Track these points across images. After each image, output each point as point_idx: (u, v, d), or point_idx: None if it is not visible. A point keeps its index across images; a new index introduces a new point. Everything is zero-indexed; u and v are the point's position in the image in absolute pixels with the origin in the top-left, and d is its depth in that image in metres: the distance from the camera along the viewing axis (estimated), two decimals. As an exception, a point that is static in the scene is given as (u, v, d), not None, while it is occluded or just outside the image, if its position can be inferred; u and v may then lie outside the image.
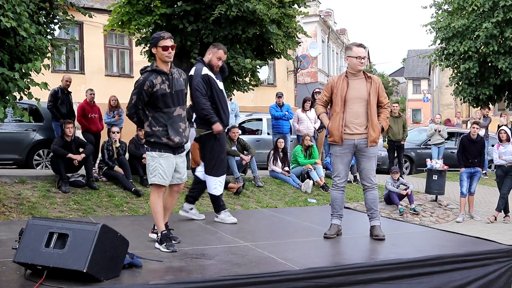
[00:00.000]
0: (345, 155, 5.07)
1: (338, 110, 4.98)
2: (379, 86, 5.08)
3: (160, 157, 4.39)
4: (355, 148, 5.02)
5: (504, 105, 16.67)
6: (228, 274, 3.67)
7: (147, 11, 8.04)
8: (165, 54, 4.33)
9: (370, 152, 5.03)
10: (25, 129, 9.91)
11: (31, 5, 6.09)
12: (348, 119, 4.96)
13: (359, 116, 4.96)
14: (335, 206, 5.19)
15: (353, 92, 4.96)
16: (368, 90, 4.96)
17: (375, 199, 5.16)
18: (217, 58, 5.48)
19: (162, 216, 4.45)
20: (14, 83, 5.96)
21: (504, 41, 14.06)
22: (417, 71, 49.58)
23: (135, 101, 4.35)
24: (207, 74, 5.43)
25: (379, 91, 5.05)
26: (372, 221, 5.15)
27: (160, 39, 4.32)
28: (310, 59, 23.83)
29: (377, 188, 5.23)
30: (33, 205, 6.84)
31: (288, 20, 8.61)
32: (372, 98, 4.96)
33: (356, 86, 4.99)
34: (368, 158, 5.05)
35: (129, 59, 17.73)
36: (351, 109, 4.96)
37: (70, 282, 3.32)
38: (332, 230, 5.13)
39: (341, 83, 5.01)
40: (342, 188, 5.16)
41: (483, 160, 9.85)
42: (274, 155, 10.39)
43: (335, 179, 5.16)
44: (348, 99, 4.96)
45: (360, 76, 5.04)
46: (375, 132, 4.96)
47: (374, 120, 4.96)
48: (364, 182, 5.15)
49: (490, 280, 4.43)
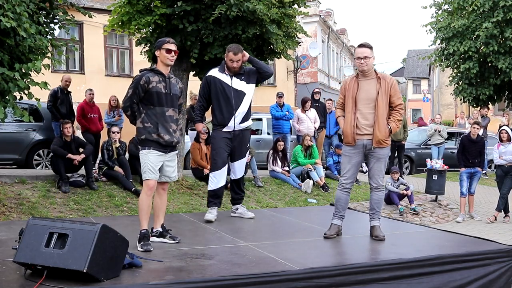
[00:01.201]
0: (355, 156, 5.05)
1: (349, 111, 4.99)
2: (391, 86, 4.96)
3: (148, 154, 4.49)
4: (364, 148, 5.00)
5: (504, 105, 16.65)
6: (228, 274, 3.67)
7: (147, 11, 8.03)
8: (168, 57, 4.53)
9: (379, 153, 5.02)
10: (25, 129, 9.91)
11: (31, 5, 6.08)
12: (359, 120, 4.94)
13: (368, 117, 4.93)
14: (338, 207, 5.18)
15: (363, 93, 4.94)
16: (377, 91, 4.90)
17: (379, 200, 5.17)
18: (230, 61, 5.68)
19: (148, 215, 4.50)
20: (14, 83, 5.96)
21: (504, 41, 14.05)
22: (417, 71, 49.57)
23: (130, 94, 4.50)
24: (210, 76, 5.79)
25: (391, 92, 4.95)
26: (372, 221, 5.15)
27: (165, 42, 4.56)
28: (310, 59, 23.82)
29: (383, 189, 5.23)
30: (33, 205, 6.84)
31: (288, 20, 8.59)
32: (381, 98, 4.89)
33: (366, 87, 4.95)
34: (377, 159, 5.04)
35: (129, 59, 17.73)
36: (361, 110, 4.94)
37: (70, 282, 3.32)
38: (332, 230, 5.13)
39: (352, 85, 5.01)
40: (348, 189, 5.15)
41: (483, 160, 9.85)
42: (273, 155, 10.39)
43: (342, 179, 5.17)
44: (358, 100, 4.94)
45: (371, 77, 4.97)
46: (381, 133, 4.91)
47: (380, 121, 4.90)
48: (371, 182, 5.15)
49: (490, 280, 4.43)
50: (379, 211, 5.17)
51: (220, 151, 5.80)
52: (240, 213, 6.17)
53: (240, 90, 5.76)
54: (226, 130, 5.79)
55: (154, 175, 4.50)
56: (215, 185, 5.90)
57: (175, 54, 4.58)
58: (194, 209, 7.59)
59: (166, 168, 4.64)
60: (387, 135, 4.96)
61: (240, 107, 5.76)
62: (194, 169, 9.31)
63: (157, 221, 4.71)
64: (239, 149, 5.92)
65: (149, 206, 4.50)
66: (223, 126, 5.78)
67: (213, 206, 5.95)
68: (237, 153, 5.93)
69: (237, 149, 5.90)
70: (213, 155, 5.91)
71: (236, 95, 5.73)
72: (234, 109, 5.72)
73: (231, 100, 5.71)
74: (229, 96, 5.70)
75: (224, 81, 5.73)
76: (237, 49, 5.68)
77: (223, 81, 5.73)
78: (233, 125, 5.77)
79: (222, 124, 5.78)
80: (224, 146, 5.81)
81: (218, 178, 5.87)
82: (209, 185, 5.97)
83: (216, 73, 5.78)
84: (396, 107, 4.99)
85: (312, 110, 11.20)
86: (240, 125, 5.82)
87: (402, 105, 5.08)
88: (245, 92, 5.79)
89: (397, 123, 5.01)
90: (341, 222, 5.20)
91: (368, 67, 4.95)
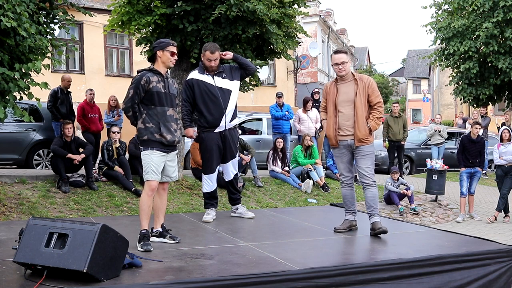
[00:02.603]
0: (344, 155, 5.31)
1: (330, 115, 5.26)
2: (369, 86, 5.16)
3: (151, 154, 4.50)
4: (350, 148, 5.23)
5: (504, 105, 16.66)
6: (228, 274, 3.67)
7: (147, 11, 8.03)
8: (171, 59, 4.63)
9: (364, 150, 5.20)
10: (25, 129, 9.91)
11: (31, 5, 6.08)
12: (340, 122, 5.18)
13: (349, 118, 5.16)
14: (347, 202, 5.45)
15: (342, 96, 5.18)
16: (355, 92, 5.12)
17: (374, 196, 5.24)
18: (207, 60, 5.64)
19: (148, 216, 4.50)
20: (14, 83, 5.96)
21: (504, 41, 14.05)
22: (417, 71, 49.58)
23: (131, 95, 4.51)
24: (191, 79, 5.72)
25: (368, 91, 5.16)
26: (372, 217, 5.23)
27: (170, 44, 4.63)
28: (310, 59, 23.83)
29: (375, 185, 5.31)
30: (33, 205, 6.84)
31: (288, 20, 8.59)
32: (359, 99, 5.11)
33: (344, 90, 5.19)
34: (362, 156, 5.22)
35: (129, 59, 17.72)
36: (342, 113, 5.18)
37: (70, 282, 3.33)
38: (344, 225, 5.38)
39: (332, 89, 5.27)
40: (350, 184, 5.39)
41: (483, 160, 9.85)
42: (273, 155, 10.39)
43: (341, 177, 5.47)
44: (338, 103, 5.19)
45: (348, 80, 5.21)
46: (361, 132, 5.11)
47: (360, 120, 5.11)
48: (361, 180, 5.29)
49: (490, 280, 4.43)
50: (377, 207, 5.25)
51: (213, 153, 5.79)
52: (240, 213, 6.17)
53: (225, 89, 5.72)
54: (217, 130, 5.74)
55: (157, 176, 4.51)
56: (210, 188, 5.92)
57: (176, 57, 4.69)
58: (194, 209, 7.59)
59: (167, 168, 4.65)
60: (367, 133, 5.15)
61: (229, 105, 5.73)
62: (194, 169, 9.31)
63: (157, 221, 4.72)
64: (230, 150, 5.90)
65: (149, 206, 4.51)
66: (215, 127, 5.74)
67: (210, 207, 5.98)
68: (229, 153, 5.91)
69: (228, 150, 5.88)
70: (206, 158, 5.86)
71: (223, 94, 5.69)
72: (223, 108, 5.68)
73: (219, 100, 5.66)
74: (217, 96, 5.65)
75: (207, 81, 5.68)
76: (214, 48, 5.64)
77: (206, 82, 5.68)
78: (224, 124, 5.73)
79: (213, 125, 5.73)
80: (215, 148, 5.79)
81: (213, 181, 5.90)
82: (203, 188, 5.98)
83: (197, 75, 5.72)
84: (374, 105, 5.19)
85: (313, 110, 11.21)
86: (230, 123, 5.80)
87: (380, 103, 5.22)
88: (230, 89, 5.75)
89: (376, 121, 5.19)
90: (353, 217, 5.43)
91: (346, 71, 5.19)
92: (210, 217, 5.86)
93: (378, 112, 5.17)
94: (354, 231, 5.40)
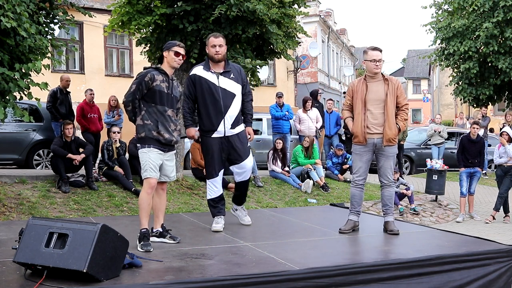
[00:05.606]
0: (365, 153, 5.32)
1: (359, 112, 5.26)
2: (398, 87, 5.28)
3: (149, 152, 4.50)
4: (374, 147, 5.26)
5: (504, 105, 16.66)
6: (228, 274, 3.67)
7: (147, 11, 8.03)
8: (175, 59, 4.61)
9: (388, 151, 5.27)
10: (25, 129, 9.91)
11: (31, 5, 6.08)
12: (368, 120, 5.21)
13: (377, 117, 5.20)
14: (353, 203, 5.46)
15: (372, 95, 5.21)
16: (385, 92, 5.18)
17: (391, 196, 5.42)
18: (211, 46, 5.14)
19: (148, 214, 4.49)
20: (14, 83, 5.96)
21: (504, 41, 14.05)
22: (417, 71, 49.57)
23: (134, 90, 4.51)
24: (195, 74, 5.21)
25: (397, 93, 5.25)
26: (386, 216, 5.43)
27: (175, 45, 4.64)
28: (310, 59, 23.82)
29: (394, 186, 5.49)
30: (33, 205, 6.84)
31: (288, 20, 8.60)
32: (389, 99, 5.18)
33: (374, 89, 5.22)
34: (386, 157, 5.30)
35: (129, 59, 17.72)
36: (370, 111, 5.20)
37: (70, 282, 3.33)
38: (348, 226, 5.39)
39: (360, 86, 5.28)
40: (361, 185, 5.41)
41: (483, 160, 9.85)
42: (273, 155, 10.38)
43: (354, 176, 5.44)
44: (368, 101, 5.21)
45: (378, 79, 5.26)
46: (391, 131, 5.17)
47: (390, 120, 5.18)
48: (381, 179, 5.39)
49: (490, 280, 4.43)
50: (392, 207, 5.44)
51: (215, 156, 5.25)
52: (238, 215, 5.78)
53: (229, 91, 5.17)
54: (215, 136, 5.19)
55: (155, 173, 4.50)
56: (215, 193, 5.38)
57: (182, 58, 4.65)
58: (194, 209, 7.59)
59: (166, 168, 4.65)
60: (396, 133, 5.24)
61: (230, 110, 5.16)
62: (194, 169, 9.31)
63: (157, 221, 4.72)
64: (236, 152, 5.28)
65: (149, 204, 4.50)
66: (212, 132, 5.19)
67: (218, 216, 5.42)
68: (236, 156, 5.29)
69: (233, 153, 5.28)
70: (208, 162, 5.32)
71: (225, 96, 5.13)
72: (223, 112, 5.12)
73: (219, 102, 5.10)
74: (217, 98, 5.10)
75: (210, 80, 5.13)
76: (217, 34, 5.24)
77: (209, 80, 5.13)
78: (223, 130, 5.16)
79: (210, 129, 5.19)
80: (217, 150, 5.23)
81: (217, 186, 5.37)
82: (208, 194, 5.43)
83: (201, 71, 5.18)
84: (402, 107, 5.31)
85: (313, 109, 11.20)
86: (231, 130, 5.20)
87: (407, 105, 5.40)
88: (235, 93, 5.20)
89: (404, 122, 5.33)
90: (357, 218, 5.47)
91: (381, 69, 5.29)
92: (220, 226, 5.33)
93: (405, 113, 5.32)
94: (355, 231, 5.41)
